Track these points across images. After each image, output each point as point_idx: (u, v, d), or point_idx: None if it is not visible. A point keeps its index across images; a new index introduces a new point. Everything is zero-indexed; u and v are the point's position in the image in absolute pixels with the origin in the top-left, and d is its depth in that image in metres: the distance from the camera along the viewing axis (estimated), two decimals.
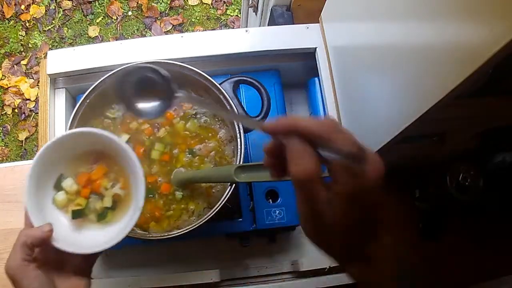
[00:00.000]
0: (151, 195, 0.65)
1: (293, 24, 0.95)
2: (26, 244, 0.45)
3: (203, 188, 0.66)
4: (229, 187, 0.61)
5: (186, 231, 0.60)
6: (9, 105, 1.95)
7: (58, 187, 0.53)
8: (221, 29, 2.08)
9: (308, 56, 0.81)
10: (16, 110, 1.95)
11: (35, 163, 0.49)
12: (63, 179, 0.53)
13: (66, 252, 0.47)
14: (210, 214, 0.60)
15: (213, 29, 2.09)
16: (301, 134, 0.32)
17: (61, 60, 0.77)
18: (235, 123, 0.65)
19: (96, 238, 0.52)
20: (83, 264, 0.50)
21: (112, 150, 0.53)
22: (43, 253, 0.48)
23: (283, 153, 0.33)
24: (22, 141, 1.92)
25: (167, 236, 0.60)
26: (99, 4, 2.09)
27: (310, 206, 0.34)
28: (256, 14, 1.18)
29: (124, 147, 0.50)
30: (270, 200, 0.73)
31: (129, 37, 2.06)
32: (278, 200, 0.73)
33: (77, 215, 0.52)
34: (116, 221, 0.53)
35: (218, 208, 0.60)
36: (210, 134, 0.69)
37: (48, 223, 0.47)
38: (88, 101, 0.65)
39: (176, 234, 0.60)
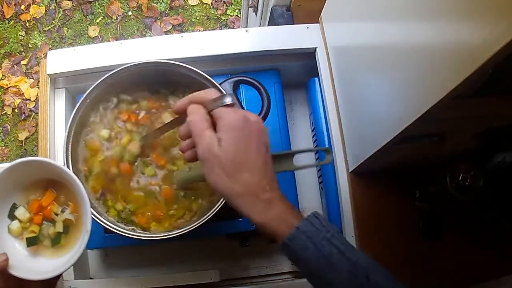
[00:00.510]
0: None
1: (293, 24, 0.95)
2: None
3: (204, 187, 0.66)
4: None
5: (186, 231, 0.60)
6: (9, 105, 1.95)
7: (11, 216, 0.55)
8: (221, 29, 2.08)
9: (308, 56, 0.81)
10: (16, 110, 1.95)
11: None
12: (15, 208, 0.55)
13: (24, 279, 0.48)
14: (210, 214, 0.60)
15: (213, 29, 2.09)
16: (195, 101, 0.47)
17: (61, 60, 0.77)
18: None
19: (52, 263, 0.54)
20: (45, 286, 0.51)
21: (61, 178, 0.55)
22: (3, 280, 0.49)
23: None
24: (22, 141, 1.92)
25: (167, 236, 0.60)
26: (99, 4, 2.09)
27: (202, 144, 0.44)
28: (256, 14, 1.18)
29: (70, 175, 0.52)
30: None
31: (129, 37, 2.06)
32: None
33: (32, 242, 0.54)
34: (71, 244, 0.55)
35: (218, 208, 0.60)
36: None
37: (4, 253, 0.49)
38: (88, 101, 0.65)
39: (176, 234, 0.60)
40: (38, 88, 1.88)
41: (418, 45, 0.46)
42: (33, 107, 1.95)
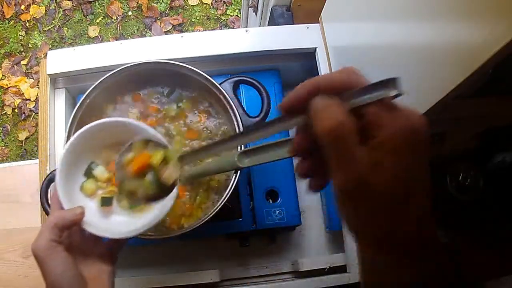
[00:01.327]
0: None
1: (293, 24, 0.95)
2: (57, 225, 0.45)
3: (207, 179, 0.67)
4: (234, 175, 0.61)
5: (186, 231, 0.60)
6: (9, 105, 1.95)
7: (88, 174, 0.54)
8: (221, 29, 2.08)
9: (308, 56, 0.81)
10: (16, 110, 1.95)
11: (67, 148, 0.50)
12: (94, 166, 0.54)
13: (94, 236, 0.47)
14: (210, 214, 0.60)
15: (213, 29, 2.09)
16: (326, 90, 0.28)
17: (61, 60, 0.77)
18: (235, 122, 0.65)
19: (125, 224, 0.52)
20: (108, 251, 0.50)
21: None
22: (69, 237, 0.48)
23: (314, 147, 0.29)
24: (22, 141, 1.92)
25: (167, 236, 0.60)
26: (99, 4, 2.09)
27: (348, 171, 0.27)
28: (256, 14, 1.18)
29: (158, 136, 0.50)
30: (270, 200, 0.73)
31: (129, 37, 2.06)
32: (278, 200, 0.73)
33: (106, 202, 0.53)
34: (147, 209, 0.53)
35: (218, 208, 0.60)
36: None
37: (80, 206, 0.48)
38: (88, 101, 0.65)
39: (176, 234, 0.60)
40: (38, 88, 1.88)
41: (418, 45, 0.46)
42: (33, 107, 1.95)
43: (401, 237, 0.29)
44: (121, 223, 0.53)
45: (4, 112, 1.95)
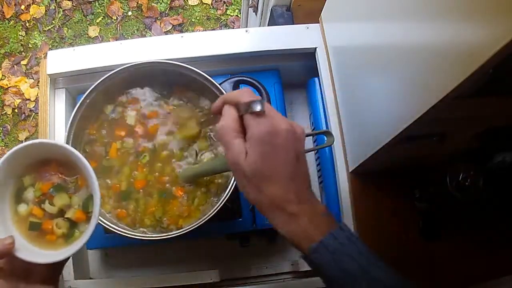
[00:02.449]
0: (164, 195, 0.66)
1: (293, 24, 0.95)
2: None
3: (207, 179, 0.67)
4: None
5: (186, 231, 0.60)
6: (9, 105, 1.95)
7: (18, 198, 0.53)
8: (221, 29, 2.08)
9: (308, 56, 0.81)
10: (16, 110, 1.95)
11: None
12: (23, 190, 0.53)
13: (31, 262, 0.47)
14: (210, 214, 0.60)
15: (213, 29, 2.09)
16: (228, 102, 0.46)
17: (61, 60, 0.77)
18: None
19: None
20: (49, 273, 0.50)
21: (69, 160, 0.53)
22: (8, 263, 0.48)
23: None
24: (22, 141, 1.92)
25: (167, 236, 0.60)
26: (99, 4, 2.09)
27: (228, 154, 0.44)
28: (256, 14, 1.18)
29: (80, 157, 0.50)
30: None
31: (129, 37, 2.06)
32: None
33: (34, 227, 0.52)
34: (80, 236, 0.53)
35: (218, 208, 0.60)
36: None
37: (10, 236, 0.48)
38: (88, 101, 0.65)
39: (176, 234, 0.60)
40: (38, 88, 1.88)
41: (418, 45, 0.46)
42: (33, 107, 1.95)
43: (263, 199, 0.44)
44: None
45: (4, 112, 1.95)
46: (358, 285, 0.41)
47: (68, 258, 0.50)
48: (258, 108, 0.43)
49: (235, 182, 0.61)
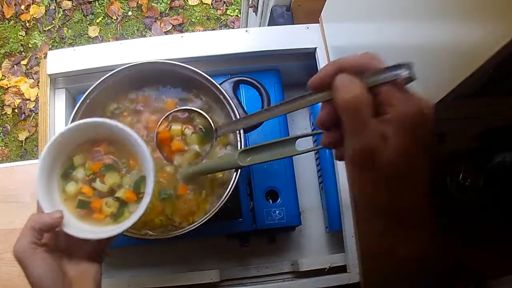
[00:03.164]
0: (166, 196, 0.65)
1: (293, 24, 0.95)
2: (34, 228, 0.46)
3: (209, 177, 0.67)
4: (234, 174, 0.61)
5: (186, 231, 0.60)
6: (9, 105, 1.95)
7: (66, 176, 0.53)
8: (221, 29, 2.08)
9: (308, 56, 0.81)
10: (16, 110, 1.95)
11: (47, 150, 0.49)
12: (72, 168, 0.53)
13: (76, 237, 0.47)
14: (210, 214, 0.60)
15: (213, 29, 2.09)
16: (348, 70, 0.32)
17: (61, 60, 0.77)
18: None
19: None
20: (94, 250, 0.50)
21: (123, 139, 0.52)
22: (53, 239, 0.48)
23: (337, 121, 0.33)
24: (22, 141, 1.92)
25: (167, 236, 0.60)
26: (99, 4, 2.09)
27: (359, 138, 0.31)
28: (256, 14, 1.18)
29: (136, 138, 0.50)
30: (270, 200, 0.73)
31: (129, 37, 2.06)
32: (278, 200, 0.73)
33: (83, 206, 0.52)
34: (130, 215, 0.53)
35: (218, 208, 0.60)
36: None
37: (59, 210, 0.48)
38: (88, 101, 0.65)
39: (176, 234, 0.60)
40: (38, 88, 1.88)
41: (418, 45, 0.46)
42: (33, 107, 1.95)
43: (396, 207, 0.32)
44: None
45: (4, 112, 1.95)
46: None
47: (116, 236, 0.49)
48: (405, 73, 0.31)
49: (235, 182, 0.61)
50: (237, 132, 0.65)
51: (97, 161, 0.54)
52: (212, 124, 0.55)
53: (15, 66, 2.01)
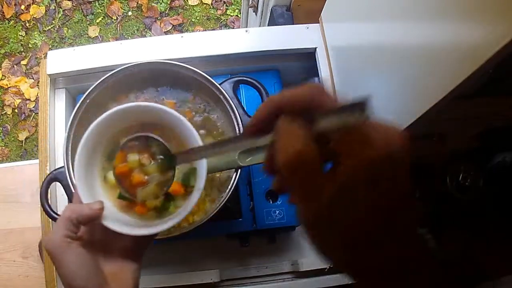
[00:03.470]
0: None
1: (293, 24, 0.95)
2: (71, 219, 0.41)
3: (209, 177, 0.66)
4: (234, 174, 0.61)
5: (186, 231, 0.60)
6: (9, 105, 1.95)
7: (109, 163, 0.47)
8: (221, 29, 2.08)
9: (308, 56, 0.81)
10: (16, 110, 1.95)
11: (89, 133, 0.45)
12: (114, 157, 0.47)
13: (116, 232, 0.42)
14: (210, 214, 0.60)
15: (213, 29, 2.09)
16: (289, 110, 0.27)
17: (61, 60, 0.77)
18: (235, 122, 0.65)
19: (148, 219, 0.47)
20: (133, 247, 0.45)
21: (172, 126, 0.47)
22: (89, 232, 0.44)
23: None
24: (22, 141, 1.92)
25: (167, 236, 0.60)
26: (99, 4, 2.09)
27: (309, 202, 0.26)
28: (256, 14, 1.18)
29: (186, 123, 0.45)
30: (270, 200, 0.73)
31: (129, 37, 2.06)
32: (278, 200, 0.73)
33: (125, 197, 0.46)
34: (175, 211, 0.47)
35: (218, 208, 0.60)
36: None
37: (99, 201, 0.43)
38: (88, 101, 0.65)
39: (176, 234, 0.60)
40: (38, 88, 1.88)
41: (418, 45, 0.46)
42: (33, 107, 1.95)
43: (372, 265, 0.27)
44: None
45: (4, 112, 1.95)
46: None
47: (158, 233, 0.44)
48: (360, 116, 0.25)
49: (235, 182, 0.61)
50: (237, 132, 0.65)
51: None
52: (170, 150, 0.47)
53: (15, 66, 2.01)
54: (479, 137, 0.60)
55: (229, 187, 0.61)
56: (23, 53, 2.04)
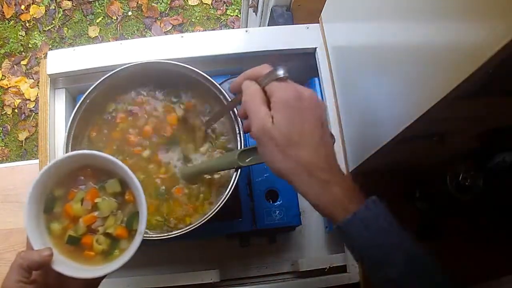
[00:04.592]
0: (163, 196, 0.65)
1: (293, 24, 0.95)
2: (22, 266, 0.44)
3: (208, 177, 0.67)
4: (234, 174, 0.61)
5: (186, 231, 0.60)
6: (9, 105, 1.95)
7: (48, 210, 0.50)
8: (221, 29, 2.08)
9: (308, 56, 0.81)
10: (16, 110, 1.95)
11: (34, 185, 0.47)
12: (53, 202, 0.51)
13: (67, 275, 0.46)
14: (210, 214, 0.60)
15: (213, 29, 2.09)
16: (249, 78, 0.48)
17: (61, 60, 0.77)
18: (234, 122, 0.65)
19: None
20: (85, 287, 0.49)
21: (110, 169, 0.50)
22: (43, 275, 0.47)
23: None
24: (22, 141, 1.92)
25: (167, 236, 0.60)
26: (99, 4, 2.09)
27: (256, 121, 0.44)
28: (256, 14, 1.18)
29: (129, 173, 0.48)
30: (270, 200, 0.73)
31: (129, 37, 2.06)
32: (278, 200, 0.73)
33: (74, 242, 0.50)
34: (121, 255, 0.51)
35: (218, 208, 0.60)
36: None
37: (48, 247, 0.46)
38: (88, 101, 0.65)
39: (176, 234, 0.60)
40: (38, 88, 1.88)
41: (418, 45, 0.46)
42: (33, 107, 1.95)
43: (291, 164, 0.44)
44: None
45: (4, 112, 1.95)
46: (393, 260, 0.41)
47: (105, 276, 0.48)
48: (281, 73, 0.44)
49: (235, 182, 0.61)
50: (237, 132, 0.65)
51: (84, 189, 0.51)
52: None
53: (15, 66, 2.01)
54: (479, 137, 0.60)
55: (229, 187, 0.61)
56: (23, 53, 2.04)
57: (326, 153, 0.44)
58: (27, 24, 2.07)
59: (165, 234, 0.60)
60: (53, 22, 2.07)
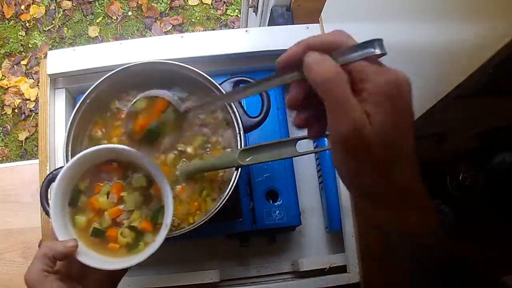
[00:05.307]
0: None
1: (293, 24, 0.95)
2: (47, 256, 0.45)
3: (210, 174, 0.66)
4: (234, 173, 0.61)
5: (186, 231, 0.60)
6: (9, 105, 1.95)
7: (74, 203, 0.51)
8: (221, 29, 2.08)
9: None
10: (16, 110, 1.95)
11: (63, 174, 0.48)
12: (78, 195, 0.52)
13: (90, 267, 0.46)
14: (210, 215, 0.60)
15: (213, 29, 2.09)
16: (316, 49, 0.32)
17: (61, 60, 0.77)
18: (235, 122, 0.65)
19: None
20: (107, 280, 0.49)
21: (138, 164, 0.51)
22: (66, 266, 0.47)
23: (308, 100, 0.33)
24: (22, 141, 1.92)
25: (167, 236, 0.60)
26: (99, 4, 2.09)
27: (344, 117, 0.29)
28: (256, 14, 1.18)
29: (156, 168, 0.49)
30: (270, 200, 0.73)
31: (129, 37, 2.06)
32: (278, 200, 0.73)
33: (98, 234, 0.51)
34: (145, 248, 0.52)
35: (218, 208, 0.60)
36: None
37: (73, 239, 0.47)
38: (88, 101, 0.65)
39: (176, 234, 0.60)
40: (38, 88, 1.88)
41: (418, 45, 0.46)
42: (33, 107, 1.95)
43: (383, 187, 0.31)
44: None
45: (4, 112, 1.95)
46: None
47: (129, 268, 0.49)
48: (378, 50, 0.31)
49: (235, 181, 0.61)
50: (237, 132, 0.65)
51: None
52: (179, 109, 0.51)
53: (15, 66, 2.01)
54: (479, 137, 0.60)
55: (229, 187, 0.61)
56: (23, 53, 2.04)
57: (418, 168, 0.33)
58: (27, 24, 2.07)
59: (166, 234, 0.60)
60: (53, 22, 2.07)
